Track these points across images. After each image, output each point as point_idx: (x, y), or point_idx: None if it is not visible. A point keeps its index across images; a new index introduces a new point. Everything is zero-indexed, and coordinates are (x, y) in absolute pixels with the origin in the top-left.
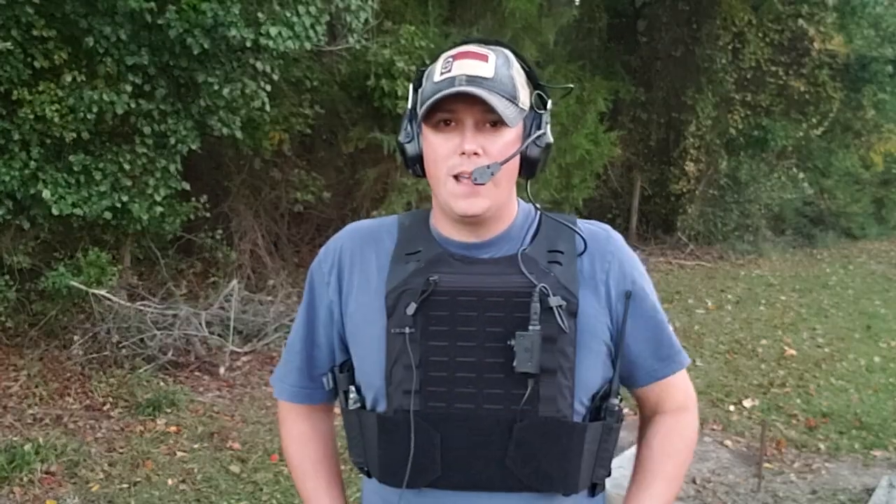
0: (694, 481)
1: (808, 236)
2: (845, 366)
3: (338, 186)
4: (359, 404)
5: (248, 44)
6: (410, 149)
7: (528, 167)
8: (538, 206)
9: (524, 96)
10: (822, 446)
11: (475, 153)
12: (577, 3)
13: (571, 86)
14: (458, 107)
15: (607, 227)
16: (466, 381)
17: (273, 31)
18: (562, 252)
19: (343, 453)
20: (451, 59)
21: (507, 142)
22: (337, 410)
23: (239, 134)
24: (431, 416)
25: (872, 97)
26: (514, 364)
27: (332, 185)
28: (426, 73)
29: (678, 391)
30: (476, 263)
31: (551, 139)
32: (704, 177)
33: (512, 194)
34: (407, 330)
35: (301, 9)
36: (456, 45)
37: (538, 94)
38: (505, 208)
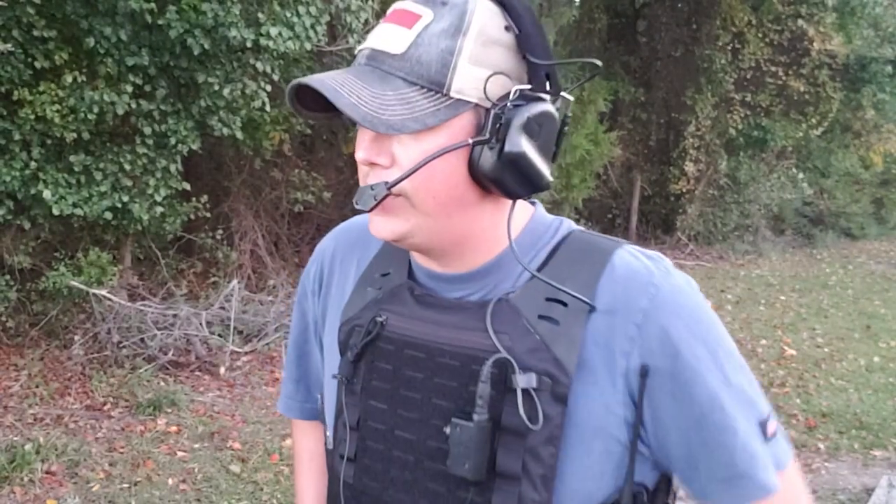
0: None
1: (807, 236)
2: (845, 366)
3: (338, 186)
4: (331, 445)
5: (249, 44)
6: None
7: (492, 185)
8: (573, 224)
9: (472, 81)
10: (821, 446)
11: (371, 163)
12: (576, 4)
13: (597, 62)
14: None
15: (659, 263)
16: (403, 464)
17: (273, 31)
18: (565, 304)
19: None
20: (380, 22)
21: (427, 150)
22: None
23: (239, 134)
24: (364, 496)
25: (872, 97)
26: (448, 463)
27: (333, 185)
28: None
29: None
30: (436, 307)
31: (518, 148)
32: (704, 177)
33: (487, 219)
34: (346, 379)
35: (301, 9)
36: None
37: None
38: (471, 236)
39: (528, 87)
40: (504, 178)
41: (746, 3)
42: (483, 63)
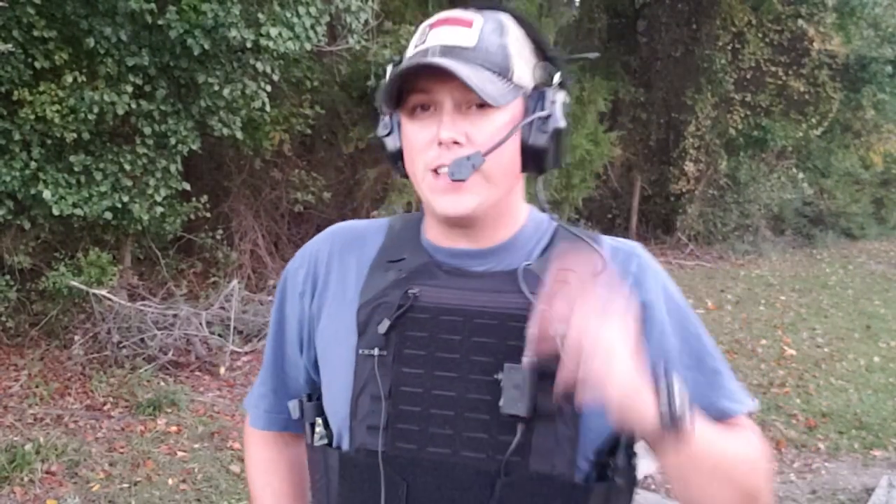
0: None
1: (807, 236)
2: (845, 366)
3: (338, 186)
4: (325, 440)
5: (249, 44)
6: (390, 143)
7: (533, 160)
8: (556, 217)
9: (522, 70)
10: (821, 446)
11: (455, 142)
12: (577, 4)
13: (595, 54)
14: (432, 86)
15: (635, 244)
16: (443, 419)
17: (273, 31)
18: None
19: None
20: (427, 28)
21: (498, 127)
22: None
23: (239, 134)
24: (398, 460)
25: (872, 97)
26: (501, 404)
27: (333, 186)
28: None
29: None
30: (467, 277)
31: (562, 123)
32: (704, 177)
33: (516, 195)
34: (377, 352)
35: (301, 9)
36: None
37: (544, 68)
38: (506, 211)
39: (559, 77)
40: (549, 151)
41: (746, 3)
42: (524, 58)
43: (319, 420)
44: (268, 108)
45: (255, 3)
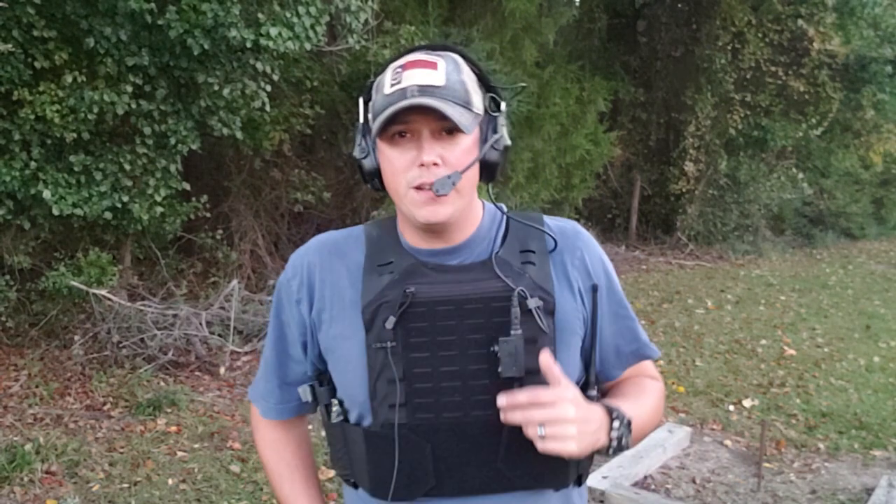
0: (694, 481)
1: (807, 236)
2: (845, 366)
3: (338, 186)
4: (342, 417)
5: (249, 44)
6: (367, 164)
7: (488, 171)
8: (503, 208)
9: (477, 100)
10: (821, 446)
11: (434, 163)
12: (577, 4)
13: (524, 84)
14: (412, 118)
15: (574, 222)
16: (452, 390)
17: (273, 31)
18: (533, 251)
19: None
20: (399, 70)
21: (464, 149)
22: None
23: (239, 134)
24: (420, 427)
25: (872, 97)
26: (500, 370)
27: (333, 186)
28: (375, 85)
29: (646, 372)
30: (450, 271)
31: (508, 141)
32: (704, 177)
33: (474, 198)
34: (388, 344)
35: (301, 9)
36: (402, 53)
37: (491, 97)
38: (469, 213)
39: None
40: (500, 164)
41: (746, 3)
42: (474, 90)
43: (335, 401)
44: (268, 107)
45: (255, 3)
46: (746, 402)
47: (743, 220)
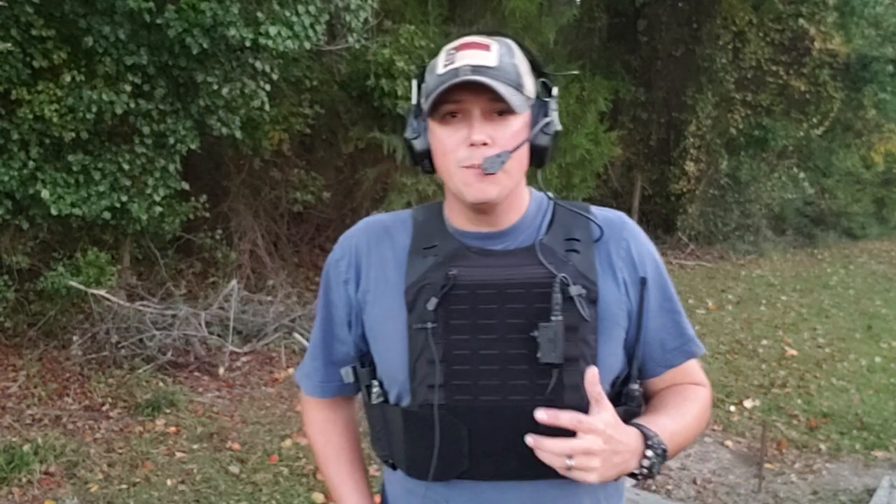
0: (694, 482)
1: (808, 236)
2: (846, 366)
3: (338, 186)
4: (382, 398)
5: (248, 43)
6: (418, 144)
7: (537, 156)
8: (550, 195)
9: (529, 84)
10: (823, 447)
11: (484, 143)
12: (577, 3)
13: (577, 72)
14: (463, 97)
15: (621, 213)
16: (490, 373)
17: (272, 30)
18: (578, 240)
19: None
20: (453, 51)
21: (515, 130)
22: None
23: (238, 134)
24: (457, 409)
25: (873, 97)
26: (539, 355)
27: (332, 185)
28: (428, 67)
29: (692, 376)
30: (494, 255)
31: (559, 127)
32: (705, 177)
33: (522, 183)
34: (429, 325)
35: (300, 8)
36: (457, 37)
37: (543, 83)
38: (517, 197)
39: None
40: (549, 149)
41: (747, 2)
42: (526, 73)
43: (375, 382)
44: (267, 107)
45: (255, 2)
46: (747, 403)
47: (744, 219)
